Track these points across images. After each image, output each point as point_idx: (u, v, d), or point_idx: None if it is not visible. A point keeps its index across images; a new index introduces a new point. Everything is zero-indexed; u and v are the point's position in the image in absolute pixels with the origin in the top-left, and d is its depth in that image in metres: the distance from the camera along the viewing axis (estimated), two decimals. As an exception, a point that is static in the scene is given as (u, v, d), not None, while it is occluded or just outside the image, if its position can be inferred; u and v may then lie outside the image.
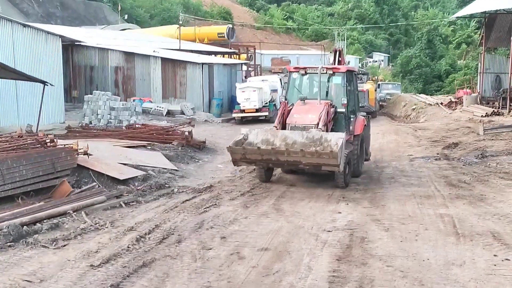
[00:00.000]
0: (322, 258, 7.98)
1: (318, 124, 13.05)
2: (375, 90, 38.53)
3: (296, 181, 14.05)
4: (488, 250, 8.27)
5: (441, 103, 37.67)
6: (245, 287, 6.91)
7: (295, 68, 14.91)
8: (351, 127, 14.22)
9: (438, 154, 18.39)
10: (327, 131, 13.07)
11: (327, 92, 14.31)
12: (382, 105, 44.43)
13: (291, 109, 13.84)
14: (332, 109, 13.79)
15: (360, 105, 33.78)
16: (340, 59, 15.64)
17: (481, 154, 17.47)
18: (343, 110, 14.02)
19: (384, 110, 43.65)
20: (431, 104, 38.09)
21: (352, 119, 14.39)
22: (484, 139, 20.76)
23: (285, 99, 14.25)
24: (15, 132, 15.77)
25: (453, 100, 38.88)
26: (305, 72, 14.46)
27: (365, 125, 15.06)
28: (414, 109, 38.37)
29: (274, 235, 9.08)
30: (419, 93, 51.79)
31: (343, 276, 7.24)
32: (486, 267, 7.57)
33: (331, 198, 12.08)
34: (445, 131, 24.45)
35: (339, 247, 8.48)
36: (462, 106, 34.34)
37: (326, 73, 14.19)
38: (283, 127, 13.55)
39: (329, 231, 9.37)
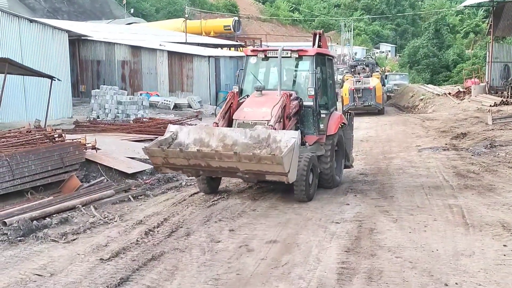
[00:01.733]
0: (331, 249, 7.98)
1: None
2: (382, 84, 35.32)
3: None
4: (498, 240, 8.24)
5: (449, 93, 37.50)
6: (254, 279, 6.93)
7: (253, 51, 12.27)
8: (321, 125, 11.72)
9: (446, 144, 18.32)
10: (284, 129, 10.57)
11: (294, 81, 12.03)
12: (390, 96, 44.22)
13: (244, 101, 11.41)
14: (295, 102, 11.23)
15: (366, 104, 32.32)
16: (320, 43, 12.90)
17: (489, 144, 17.39)
18: (311, 103, 11.42)
19: (392, 101, 43.48)
20: (439, 95, 37.93)
21: (324, 115, 11.84)
22: (492, 129, 20.66)
23: (239, 89, 11.70)
24: (24, 127, 15.83)
25: (461, 90, 38.71)
26: (265, 55, 11.83)
27: (343, 123, 12.73)
28: (422, 99, 38.22)
29: (283, 227, 9.09)
30: (427, 84, 51.56)
31: (352, 268, 7.24)
32: (495, 257, 7.54)
33: (339, 189, 12.07)
34: (453, 122, 24.35)
35: (347, 239, 8.47)
36: (470, 96, 34.17)
37: (291, 56, 11.67)
38: (229, 124, 10.94)
39: (337, 222, 9.36)
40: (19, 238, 8.52)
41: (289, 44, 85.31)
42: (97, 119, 24.26)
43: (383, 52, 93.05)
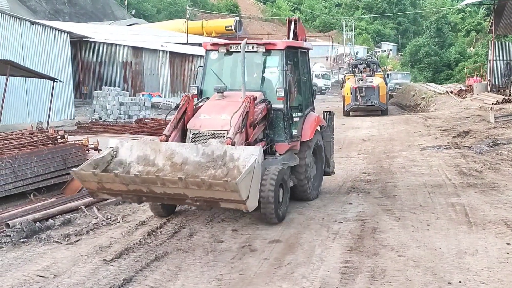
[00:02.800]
0: (334, 249, 7.98)
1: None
2: (386, 84, 33.42)
3: (306, 172, 14.02)
4: (501, 239, 8.23)
5: (451, 92, 37.47)
6: (257, 279, 6.93)
7: (214, 44, 10.55)
8: (294, 130, 10.20)
9: (448, 143, 18.30)
10: (247, 139, 9.00)
11: (262, 80, 10.33)
12: (392, 95, 44.20)
13: (202, 106, 9.77)
14: (262, 105, 9.56)
15: (370, 103, 30.59)
16: (296, 31, 11.36)
17: (492, 142, 17.36)
18: (281, 105, 9.82)
19: (394, 100, 43.46)
20: (441, 93, 37.89)
21: (297, 118, 10.34)
22: (495, 127, 20.62)
23: (198, 90, 10.25)
24: (26, 129, 15.87)
25: (463, 88, 38.67)
26: (228, 50, 10.25)
27: (322, 126, 11.44)
28: (423, 98, 38.18)
29: (285, 227, 9.08)
30: (429, 82, 51.54)
31: (355, 267, 7.23)
32: (498, 255, 7.53)
33: (341, 189, 12.06)
34: (456, 120, 24.32)
35: (350, 238, 8.47)
36: (472, 94, 34.12)
37: (257, 51, 9.98)
38: (184, 134, 9.30)
39: (340, 222, 9.36)
40: (22, 240, 8.53)
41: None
42: (99, 120, 24.30)
43: (385, 51, 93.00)
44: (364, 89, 30.75)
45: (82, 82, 34.65)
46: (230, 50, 10.22)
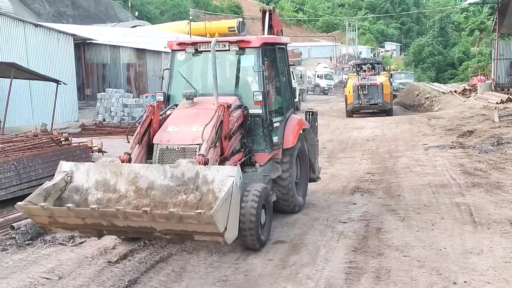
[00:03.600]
0: (338, 249, 7.97)
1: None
2: (390, 81, 32.03)
3: (311, 173, 14.01)
4: (506, 238, 8.20)
5: (455, 91, 37.38)
6: (262, 280, 6.92)
7: (180, 44, 9.29)
8: (275, 137, 9.15)
9: (453, 142, 18.25)
10: (223, 154, 7.87)
11: (237, 83, 9.19)
12: (395, 95, 44.13)
13: (169, 115, 8.58)
14: (238, 112, 8.48)
15: (373, 102, 29.26)
16: (271, 23, 10.37)
17: (496, 142, 17.31)
18: (259, 111, 8.78)
19: (397, 100, 43.40)
20: (444, 93, 37.81)
21: (277, 124, 9.29)
22: (499, 126, 20.55)
23: (164, 97, 9.17)
24: (30, 131, 15.91)
25: (467, 87, 38.57)
26: (196, 49, 9.10)
27: (304, 129, 10.32)
28: (427, 98, 38.11)
29: (290, 228, 9.08)
30: (433, 82, 51.46)
31: (359, 267, 7.22)
32: (504, 255, 7.51)
33: (346, 189, 12.04)
34: (460, 119, 24.26)
35: (355, 238, 8.46)
36: (477, 93, 34.03)
37: (229, 50, 8.85)
38: (150, 150, 8.10)
39: (344, 222, 9.35)
40: (27, 242, 8.56)
41: (295, 44, 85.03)
42: (103, 122, 24.35)
43: (388, 51, 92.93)
44: (367, 87, 29.50)
45: (85, 84, 34.72)
46: (199, 49, 9.06)
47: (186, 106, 8.58)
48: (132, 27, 54.68)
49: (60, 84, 20.80)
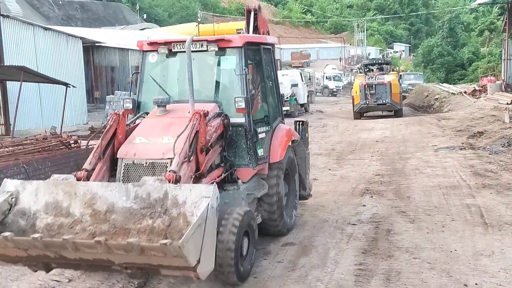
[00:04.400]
0: (348, 251, 7.94)
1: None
2: (399, 82, 30.88)
3: (319, 174, 13.99)
4: (517, 240, 8.14)
5: (465, 92, 37.20)
6: (271, 282, 6.91)
7: (151, 44, 8.26)
8: (260, 150, 8.08)
9: (463, 143, 18.15)
10: (198, 169, 6.80)
11: (217, 87, 8.15)
12: (405, 96, 43.94)
13: (138, 125, 7.51)
14: (217, 121, 7.40)
15: (380, 102, 28.08)
16: (257, 24, 9.52)
17: (507, 143, 17.20)
18: (242, 119, 7.77)
19: (407, 101, 43.25)
20: (454, 93, 37.63)
21: (263, 134, 8.25)
22: (510, 127, 20.41)
23: (134, 104, 8.11)
24: (40, 134, 15.98)
25: (477, 88, 38.38)
26: (170, 50, 8.09)
27: (294, 140, 9.22)
28: (437, 98, 37.95)
29: (299, 230, 9.06)
30: (442, 83, 51.23)
31: (369, 269, 7.19)
32: (515, 256, 7.45)
33: (355, 191, 12.00)
34: (470, 120, 24.13)
35: (364, 240, 8.42)
36: (486, 94, 33.84)
37: (207, 50, 7.86)
38: (114, 165, 7.01)
39: (354, 224, 9.31)
40: (37, 244, 8.57)
41: (303, 46, 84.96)
42: (112, 125, 24.39)
43: (397, 52, 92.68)
44: (374, 86, 28.29)
45: (94, 87, 34.88)
46: (173, 50, 8.06)
47: (157, 115, 7.48)
48: (140, 30, 54.86)
49: (69, 87, 20.89)
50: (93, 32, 41.79)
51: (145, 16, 66.79)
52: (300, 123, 9.99)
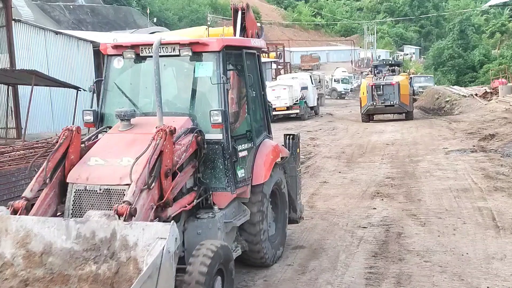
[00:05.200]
0: (358, 254, 7.91)
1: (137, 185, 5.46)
2: (409, 83, 29.46)
3: (330, 177, 13.96)
4: (530, 243, 8.07)
5: (476, 94, 36.99)
6: (281, 285, 6.90)
7: (117, 47, 7.17)
8: (241, 171, 7.05)
9: (474, 146, 18.05)
10: (162, 197, 5.73)
11: (193, 98, 7.08)
12: (415, 99, 43.69)
13: (96, 143, 6.53)
14: (189, 138, 6.35)
15: (388, 103, 26.85)
16: (245, 24, 8.33)
17: (519, 145, 17.09)
18: (219, 136, 6.71)
19: (417, 103, 43.08)
20: (465, 96, 37.45)
21: (244, 153, 7.20)
22: (521, 129, 20.29)
23: (95, 116, 7.22)
24: (51, 137, 16.06)
25: (488, 90, 38.16)
26: (138, 54, 6.97)
27: (282, 158, 8.11)
28: (448, 101, 37.77)
29: (309, 233, 9.04)
30: (453, 85, 50.99)
31: (380, 273, 7.16)
32: (528, 260, 7.39)
33: (365, 194, 11.96)
34: (481, 123, 23.99)
35: (375, 243, 8.39)
36: (498, 96, 33.64)
37: (179, 55, 6.76)
38: (64, 190, 5.92)
39: (364, 227, 9.28)
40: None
41: (313, 49, 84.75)
42: (123, 128, 24.51)
43: (407, 54, 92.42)
44: (382, 86, 27.03)
45: (105, 90, 35.04)
46: (141, 54, 6.94)
47: (120, 130, 6.46)
48: (150, 33, 55.07)
49: (80, 90, 20.98)
50: (104, 36, 42.01)
51: (155, 19, 67.06)
52: (290, 137, 8.77)
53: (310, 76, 35.83)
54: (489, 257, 7.56)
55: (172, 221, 5.07)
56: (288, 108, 30.10)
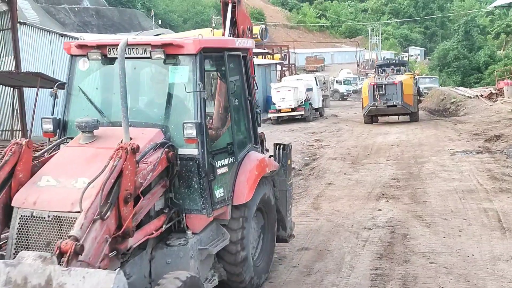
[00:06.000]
0: (364, 256, 7.90)
1: (89, 210, 4.66)
2: (415, 84, 27.89)
3: (335, 179, 13.95)
4: (536, 244, 8.04)
5: (481, 95, 36.88)
6: (287, 287, 6.90)
7: (81, 47, 6.38)
8: (220, 191, 6.22)
9: (479, 147, 18.00)
10: (121, 226, 4.96)
11: (167, 107, 6.18)
12: (420, 100, 43.47)
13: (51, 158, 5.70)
14: (158, 155, 5.56)
15: (391, 103, 25.08)
16: (235, 19, 7.76)
17: (525, 146, 17.03)
18: (194, 151, 5.89)
19: (422, 104, 42.96)
20: (470, 97, 37.33)
21: (224, 169, 6.34)
22: (527, 131, 20.22)
23: (57, 126, 6.35)
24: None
25: (493, 91, 38.03)
26: (105, 55, 6.14)
27: (272, 172, 7.25)
28: (453, 102, 37.68)
29: (314, 234, 9.04)
30: (458, 86, 50.85)
31: (385, 274, 7.15)
32: (534, 261, 7.36)
33: (370, 195, 11.94)
34: (486, 124, 23.92)
35: (380, 245, 8.38)
36: (503, 97, 33.53)
37: (151, 57, 5.89)
38: (9, 216, 5.13)
39: (369, 229, 9.27)
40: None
41: (318, 50, 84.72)
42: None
43: (412, 55, 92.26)
44: (384, 86, 25.55)
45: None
46: (108, 55, 6.09)
47: (80, 143, 5.65)
48: (155, 35, 55.21)
49: (85, 92, 21.06)
50: (109, 38, 42.14)
51: (160, 22, 67.17)
52: (281, 147, 7.93)
53: (315, 78, 35.79)
54: (495, 258, 7.54)
55: (118, 269, 4.22)
56: (293, 110, 30.07)
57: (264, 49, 50.02)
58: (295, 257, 7.97)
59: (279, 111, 30.13)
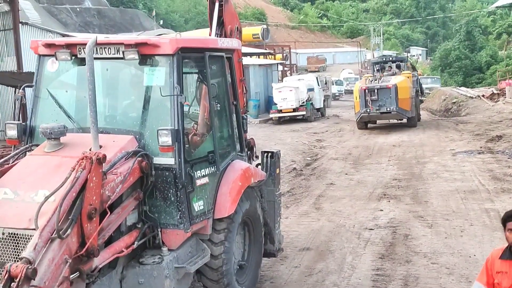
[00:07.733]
0: (365, 256, 7.90)
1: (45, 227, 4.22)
2: (416, 82, 25.73)
3: (336, 179, 13.94)
4: (538, 245, 8.03)
5: (483, 96, 36.85)
6: (288, 287, 6.90)
7: (49, 46, 5.93)
8: (199, 204, 5.81)
9: (481, 147, 17.98)
10: (84, 244, 4.54)
11: (143, 112, 5.83)
12: (422, 100, 43.35)
13: (13, 166, 5.32)
14: (130, 164, 5.19)
15: (384, 110, 22.18)
16: (223, 18, 7.33)
17: (526, 146, 17.01)
18: (170, 161, 5.48)
19: (423, 105, 42.93)
20: (472, 97, 37.31)
21: (204, 180, 5.90)
22: (529, 131, 20.20)
23: (22, 131, 5.78)
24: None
25: (495, 92, 38.00)
26: (75, 56, 5.70)
27: (259, 182, 6.78)
28: (454, 102, 37.66)
29: (316, 235, 9.04)
30: (460, 86, 50.82)
31: (387, 275, 7.15)
32: (536, 262, 7.34)
33: (372, 195, 11.94)
34: (488, 124, 23.89)
35: (382, 245, 8.37)
36: (505, 97, 33.50)
37: (124, 58, 5.46)
38: None
39: (371, 229, 9.27)
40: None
41: (319, 51, 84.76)
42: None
43: (414, 55, 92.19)
44: (376, 91, 22.84)
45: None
46: (79, 55, 5.64)
47: (45, 151, 5.24)
48: (157, 35, 55.27)
49: (87, 93, 21.11)
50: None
51: (161, 22, 67.23)
52: (269, 155, 7.45)
53: (317, 78, 35.77)
54: (496, 259, 7.53)
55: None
56: (294, 110, 30.05)
57: (266, 49, 50.04)
58: (296, 257, 7.97)
59: (280, 111, 30.11)
